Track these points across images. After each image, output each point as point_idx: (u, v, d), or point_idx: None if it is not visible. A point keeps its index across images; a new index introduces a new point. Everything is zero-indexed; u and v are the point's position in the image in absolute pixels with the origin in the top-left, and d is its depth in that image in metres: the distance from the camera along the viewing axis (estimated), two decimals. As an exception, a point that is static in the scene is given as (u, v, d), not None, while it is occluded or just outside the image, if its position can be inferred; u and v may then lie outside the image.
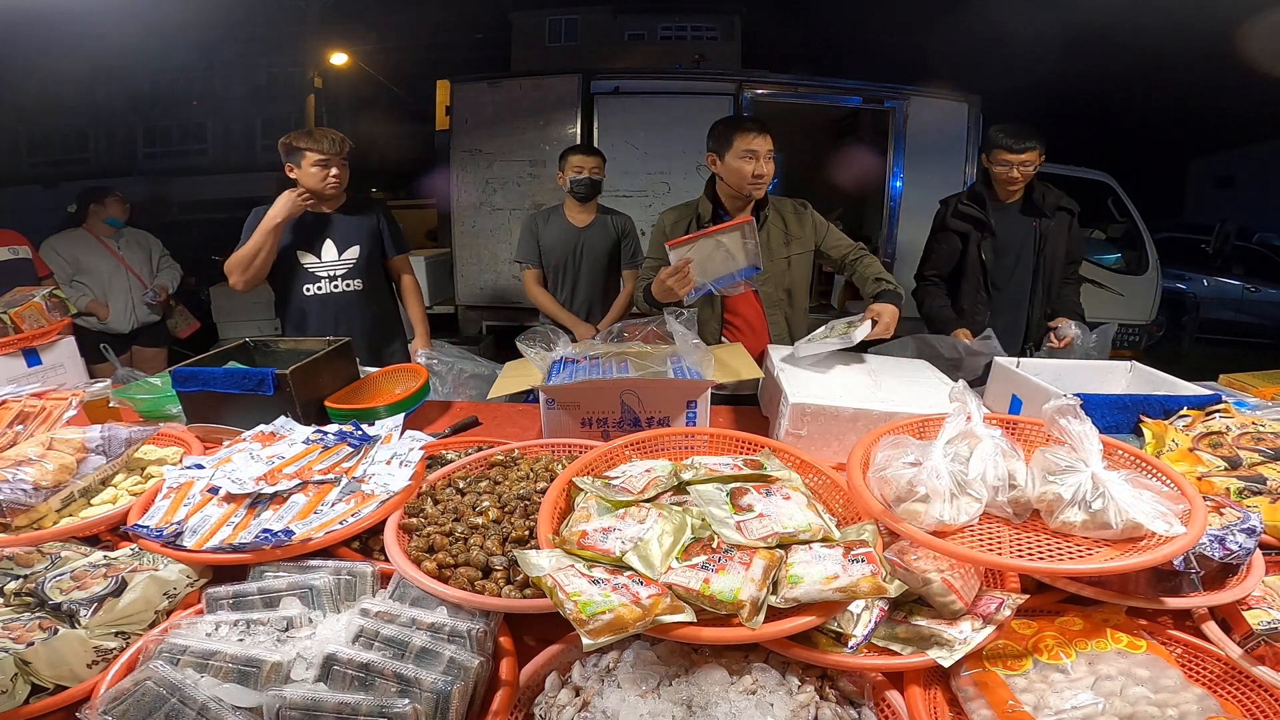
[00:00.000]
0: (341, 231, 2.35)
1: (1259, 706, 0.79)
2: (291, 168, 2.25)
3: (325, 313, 2.36)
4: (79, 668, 0.81)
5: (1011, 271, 2.40)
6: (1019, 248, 2.38)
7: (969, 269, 2.41)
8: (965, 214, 2.40)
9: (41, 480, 1.10)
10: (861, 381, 1.57)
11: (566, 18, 7.95)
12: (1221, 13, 5.16)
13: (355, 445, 1.22)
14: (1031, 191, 2.37)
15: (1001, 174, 2.30)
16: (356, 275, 2.37)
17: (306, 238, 2.33)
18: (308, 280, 2.34)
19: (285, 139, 2.25)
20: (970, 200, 2.41)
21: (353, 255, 2.36)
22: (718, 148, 2.05)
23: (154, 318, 3.67)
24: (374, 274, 2.43)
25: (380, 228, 2.43)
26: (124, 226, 3.59)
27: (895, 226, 4.72)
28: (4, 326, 1.71)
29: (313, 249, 2.34)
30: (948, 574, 0.87)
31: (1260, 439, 1.25)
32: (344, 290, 2.37)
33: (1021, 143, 2.24)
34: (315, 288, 2.35)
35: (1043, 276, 2.39)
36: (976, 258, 2.38)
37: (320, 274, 2.35)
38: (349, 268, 2.36)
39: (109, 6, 5.29)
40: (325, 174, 2.23)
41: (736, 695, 0.75)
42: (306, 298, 2.35)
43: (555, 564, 0.82)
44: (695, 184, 4.43)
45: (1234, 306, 7.68)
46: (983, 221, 2.36)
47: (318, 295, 2.35)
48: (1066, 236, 2.38)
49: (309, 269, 2.34)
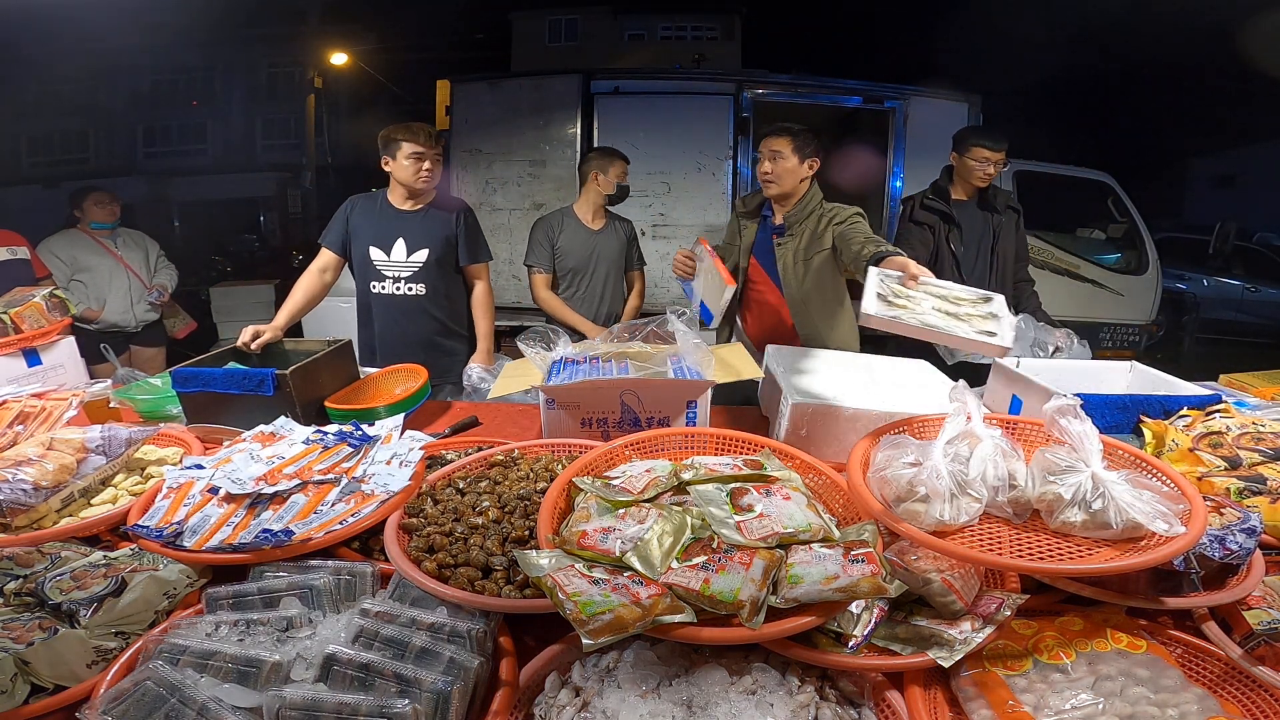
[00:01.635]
0: (415, 231, 2.26)
1: (1259, 706, 0.79)
2: (387, 160, 2.21)
3: (387, 314, 2.30)
4: (79, 668, 0.81)
5: (974, 264, 2.57)
6: (979, 241, 2.56)
7: (943, 261, 2.54)
8: (931, 207, 2.56)
9: (41, 480, 1.10)
10: (861, 381, 1.57)
11: (566, 18, 7.94)
12: (1221, 13, 5.16)
13: (355, 445, 1.22)
14: (986, 189, 2.56)
15: (976, 170, 2.47)
16: (421, 280, 2.27)
17: (382, 233, 2.26)
18: (375, 277, 2.28)
19: (384, 131, 2.20)
20: (935, 195, 2.58)
21: (420, 258, 2.26)
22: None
23: (153, 316, 3.65)
24: (441, 280, 2.31)
25: (457, 232, 2.31)
26: (114, 228, 3.52)
27: (895, 226, 4.72)
28: (4, 326, 1.71)
29: (385, 246, 2.26)
30: (948, 574, 0.87)
31: (1260, 439, 1.25)
32: (405, 294, 2.27)
33: (999, 141, 2.44)
34: (380, 286, 2.28)
35: (997, 270, 2.57)
36: (947, 249, 2.53)
37: (386, 273, 2.27)
38: (414, 271, 2.26)
39: (109, 6, 5.30)
40: (419, 167, 2.18)
41: (736, 695, 0.75)
42: (373, 295, 2.30)
43: (555, 564, 0.82)
44: (695, 183, 4.43)
45: (1234, 306, 7.67)
46: (948, 215, 2.52)
47: (381, 294, 2.29)
48: (1015, 236, 2.59)
49: (377, 265, 2.27)
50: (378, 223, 2.27)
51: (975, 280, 2.51)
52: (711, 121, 4.48)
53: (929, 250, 2.54)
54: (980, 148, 2.45)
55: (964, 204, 2.55)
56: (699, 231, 4.33)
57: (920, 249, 2.55)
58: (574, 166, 4.51)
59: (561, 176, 4.54)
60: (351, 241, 2.28)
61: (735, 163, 4.48)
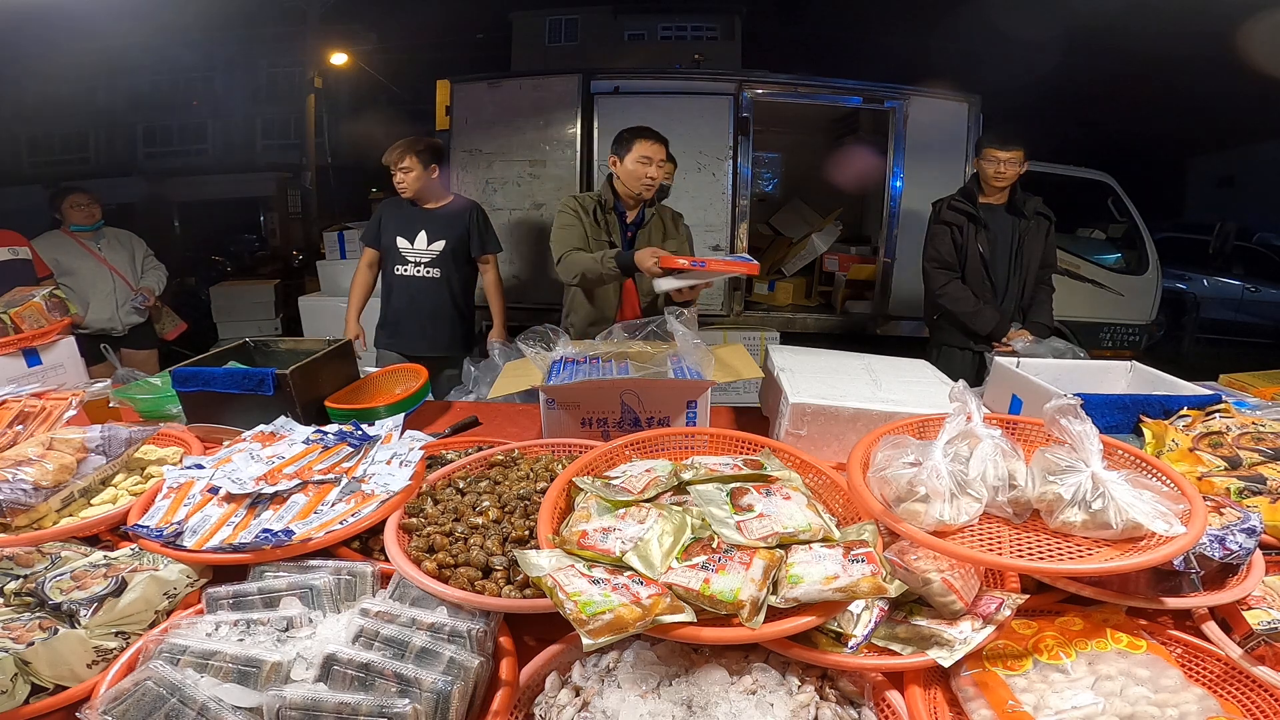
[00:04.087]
0: (435, 224, 2.74)
1: (1259, 706, 0.79)
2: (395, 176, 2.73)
3: (404, 292, 2.76)
4: (79, 668, 0.81)
5: (997, 264, 2.64)
6: (1005, 244, 2.62)
7: (970, 261, 2.61)
8: (958, 209, 2.63)
9: (41, 480, 1.10)
10: (861, 381, 1.57)
11: (566, 18, 7.94)
12: (1221, 13, 5.16)
13: (355, 445, 1.22)
14: (1014, 195, 2.62)
15: (989, 169, 2.54)
16: (437, 265, 2.74)
17: (405, 225, 2.74)
18: (398, 261, 2.74)
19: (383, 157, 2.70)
20: (962, 197, 2.65)
21: (438, 247, 2.73)
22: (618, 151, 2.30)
23: (138, 319, 3.53)
24: (454, 266, 2.77)
25: (470, 228, 2.78)
26: (96, 229, 3.42)
27: (895, 226, 4.71)
28: (4, 326, 1.70)
29: (410, 236, 2.74)
30: (948, 574, 0.87)
31: (1260, 439, 1.25)
32: (423, 276, 2.74)
33: (1007, 142, 2.50)
34: (402, 269, 2.75)
35: (1018, 274, 2.63)
36: (975, 250, 2.59)
37: (409, 258, 2.74)
38: (432, 257, 2.73)
39: (109, 6, 5.30)
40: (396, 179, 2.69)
41: (736, 695, 0.75)
42: (395, 276, 2.76)
43: (555, 564, 0.82)
44: (695, 183, 4.43)
45: (1234, 306, 7.67)
46: (975, 216, 2.59)
47: (402, 276, 2.75)
48: (1043, 242, 2.64)
49: (402, 251, 2.73)
50: (404, 218, 2.76)
51: (999, 279, 2.62)
52: (711, 121, 4.48)
53: (957, 248, 2.62)
54: (990, 148, 2.52)
55: (993, 208, 2.61)
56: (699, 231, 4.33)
57: (947, 247, 2.64)
58: (574, 166, 4.51)
59: (562, 176, 4.54)
60: (381, 234, 2.77)
61: (735, 162, 4.48)
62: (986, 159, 2.53)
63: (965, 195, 2.65)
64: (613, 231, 2.36)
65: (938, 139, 4.56)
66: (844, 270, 5.14)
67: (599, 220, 2.35)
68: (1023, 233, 2.59)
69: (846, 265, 5.16)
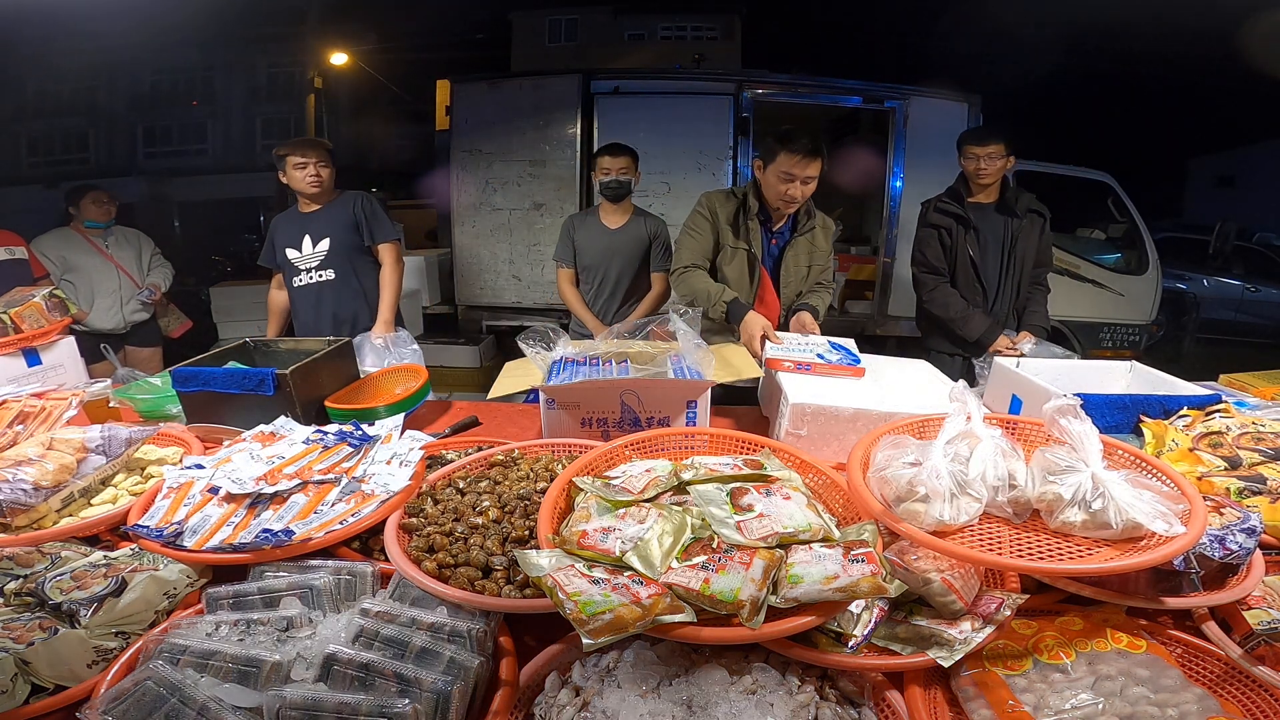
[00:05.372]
0: (317, 226, 2.56)
1: (1259, 706, 0.79)
2: (281, 175, 2.53)
3: (306, 303, 2.60)
4: (79, 668, 0.81)
5: (988, 266, 2.55)
6: (996, 244, 2.52)
7: (959, 263, 2.53)
8: (946, 210, 2.53)
9: (41, 480, 1.10)
10: (861, 381, 1.57)
11: (566, 18, 7.93)
12: (1221, 13, 5.16)
13: (355, 445, 1.22)
14: (1005, 192, 2.51)
15: (970, 167, 2.46)
16: (328, 265, 2.56)
17: (292, 235, 2.57)
18: (293, 274, 2.58)
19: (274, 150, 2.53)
20: (949, 198, 2.55)
21: (324, 247, 2.55)
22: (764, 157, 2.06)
23: (143, 316, 3.54)
24: (348, 262, 2.59)
25: (356, 218, 2.57)
26: (108, 227, 3.45)
27: (895, 226, 4.72)
28: (4, 326, 1.71)
29: (296, 244, 2.57)
30: (948, 574, 0.87)
31: (1260, 439, 1.25)
32: (318, 281, 2.57)
33: (984, 137, 2.42)
34: (298, 280, 2.58)
35: (1011, 274, 2.53)
36: (965, 252, 2.51)
37: (301, 267, 2.58)
38: (320, 259, 2.56)
39: (109, 6, 5.29)
40: (304, 175, 2.50)
41: (736, 695, 0.75)
42: (295, 289, 2.60)
43: (555, 564, 0.82)
44: (695, 183, 4.44)
45: (1234, 306, 7.67)
46: (963, 217, 2.50)
47: (300, 287, 2.59)
48: (1037, 240, 2.53)
49: (293, 263, 2.57)
50: (288, 228, 2.60)
51: (990, 282, 2.53)
52: (711, 121, 4.49)
53: (946, 252, 2.53)
54: (968, 145, 2.45)
55: (982, 207, 2.51)
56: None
57: (934, 250, 2.55)
58: (574, 166, 4.52)
59: (561, 176, 4.54)
60: (275, 253, 2.62)
61: (735, 162, 4.49)
62: (967, 157, 2.45)
63: (952, 196, 2.54)
64: (754, 241, 2.07)
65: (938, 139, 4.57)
66: (844, 270, 5.15)
67: (737, 227, 2.08)
68: (1015, 232, 2.49)
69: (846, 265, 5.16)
